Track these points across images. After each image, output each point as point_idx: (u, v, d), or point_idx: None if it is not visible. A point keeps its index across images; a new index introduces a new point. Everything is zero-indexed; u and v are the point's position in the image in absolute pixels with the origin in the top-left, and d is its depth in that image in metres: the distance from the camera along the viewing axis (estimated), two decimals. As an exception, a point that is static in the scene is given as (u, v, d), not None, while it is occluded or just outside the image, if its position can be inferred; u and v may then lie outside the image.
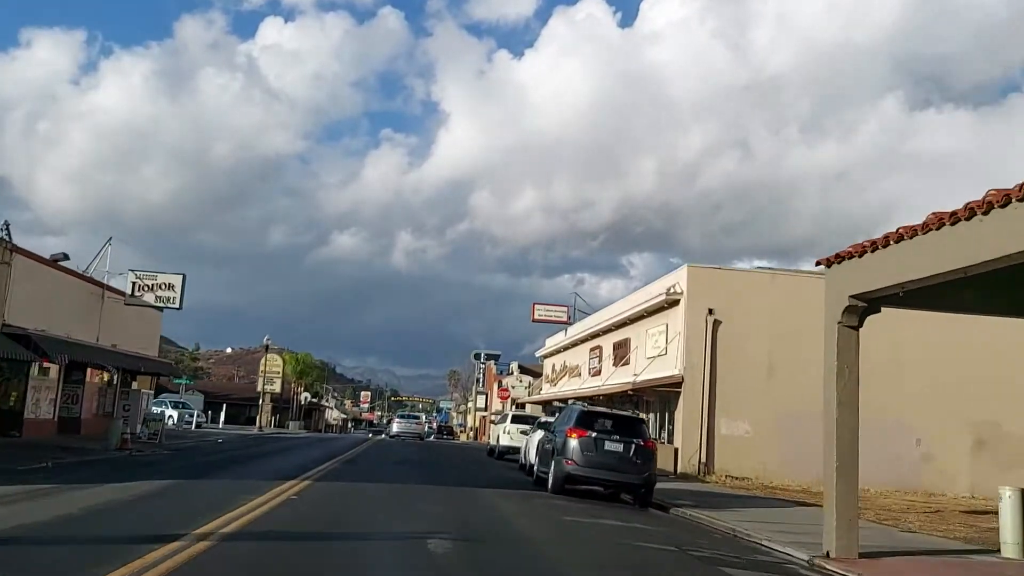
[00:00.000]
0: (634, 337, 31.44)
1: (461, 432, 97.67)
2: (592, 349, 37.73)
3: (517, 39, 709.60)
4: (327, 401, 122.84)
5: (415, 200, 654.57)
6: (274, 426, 68.49)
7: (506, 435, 29.61)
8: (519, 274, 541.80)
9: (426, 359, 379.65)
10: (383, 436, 66.85)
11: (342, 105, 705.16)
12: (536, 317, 47.10)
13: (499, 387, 72.48)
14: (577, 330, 41.87)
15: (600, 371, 35.94)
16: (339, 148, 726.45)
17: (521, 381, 75.09)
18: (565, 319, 46.09)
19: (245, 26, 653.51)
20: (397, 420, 54.13)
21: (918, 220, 8.79)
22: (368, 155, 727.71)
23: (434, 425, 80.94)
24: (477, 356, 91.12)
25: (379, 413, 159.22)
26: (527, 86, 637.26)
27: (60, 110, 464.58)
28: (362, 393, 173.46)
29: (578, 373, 40.60)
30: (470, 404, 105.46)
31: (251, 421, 70.23)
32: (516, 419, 30.49)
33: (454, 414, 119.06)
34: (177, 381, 51.47)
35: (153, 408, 45.64)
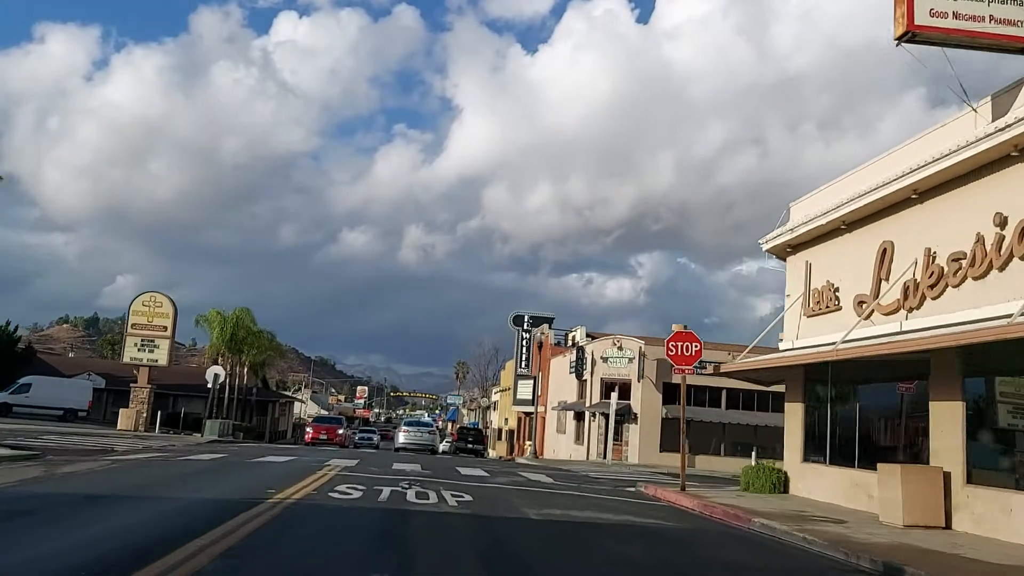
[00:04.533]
0: None
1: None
2: None
3: (533, 35, 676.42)
4: (300, 392, 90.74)
5: (426, 197, 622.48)
6: (155, 428, 35.95)
7: None
8: (527, 271, 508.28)
9: (429, 358, 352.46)
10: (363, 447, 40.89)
11: (357, 101, 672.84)
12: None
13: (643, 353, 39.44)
14: None
15: None
16: (352, 145, 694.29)
17: (620, 348, 42.71)
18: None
19: (260, 21, 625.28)
20: (404, 428, 41.50)
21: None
22: (380, 151, 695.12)
23: (439, 424, 48.84)
24: (518, 320, 58.52)
25: (377, 411, 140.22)
26: (543, 82, 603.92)
27: (71, 106, 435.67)
28: (358, 388, 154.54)
29: None
30: (496, 397, 73.77)
31: (194, 423, 45.08)
32: None
33: (464, 411, 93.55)
34: None
35: None
